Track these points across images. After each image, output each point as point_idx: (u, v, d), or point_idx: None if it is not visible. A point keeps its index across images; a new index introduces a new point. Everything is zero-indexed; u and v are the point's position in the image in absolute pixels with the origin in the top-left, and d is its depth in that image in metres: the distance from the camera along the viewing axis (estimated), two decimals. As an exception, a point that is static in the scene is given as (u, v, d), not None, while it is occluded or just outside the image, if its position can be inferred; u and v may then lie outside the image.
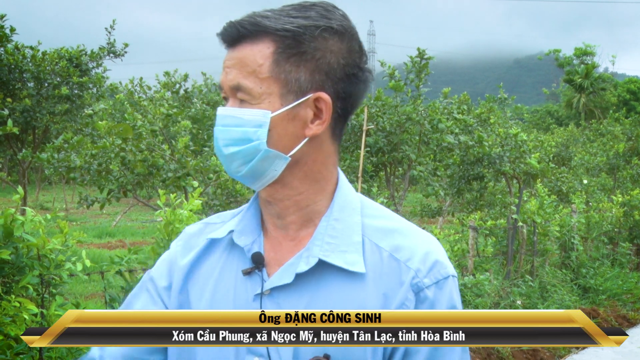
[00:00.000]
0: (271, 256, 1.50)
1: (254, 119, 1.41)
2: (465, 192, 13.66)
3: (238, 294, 1.47)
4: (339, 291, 1.42)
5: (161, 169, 7.87)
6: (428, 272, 1.43)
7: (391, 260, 1.44)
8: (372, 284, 1.42)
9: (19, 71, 11.99)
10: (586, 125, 31.76)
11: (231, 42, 1.44)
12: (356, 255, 1.44)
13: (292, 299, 1.42)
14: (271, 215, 1.52)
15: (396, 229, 1.50)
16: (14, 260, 3.81)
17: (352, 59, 1.46)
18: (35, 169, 24.38)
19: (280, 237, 1.51)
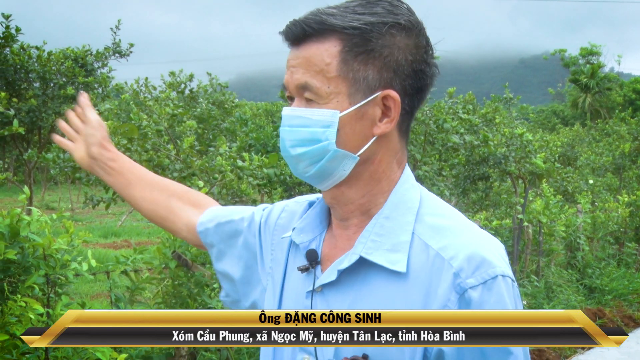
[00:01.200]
0: (327, 252, 1.52)
1: (322, 119, 1.40)
2: (470, 192, 13.64)
3: (299, 289, 1.52)
4: (381, 290, 1.40)
5: (166, 169, 7.88)
6: (474, 271, 1.35)
7: (437, 259, 1.38)
8: (414, 282, 1.38)
9: (24, 71, 12.02)
10: (592, 125, 31.67)
11: (296, 40, 1.42)
12: (400, 254, 1.40)
13: (338, 296, 1.43)
14: (335, 216, 1.54)
15: (449, 227, 1.44)
16: (20, 260, 3.82)
17: (420, 54, 1.45)
18: (41, 169, 24.44)
19: (339, 236, 1.52)
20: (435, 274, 1.37)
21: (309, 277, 1.49)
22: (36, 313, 3.65)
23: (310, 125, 1.40)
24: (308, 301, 1.46)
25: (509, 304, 1.35)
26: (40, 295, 4.00)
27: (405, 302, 1.37)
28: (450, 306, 1.34)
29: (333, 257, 1.49)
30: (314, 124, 1.40)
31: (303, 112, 1.41)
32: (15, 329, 3.59)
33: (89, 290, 10.05)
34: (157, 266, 4.89)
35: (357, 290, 1.42)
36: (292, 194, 10.75)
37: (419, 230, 1.43)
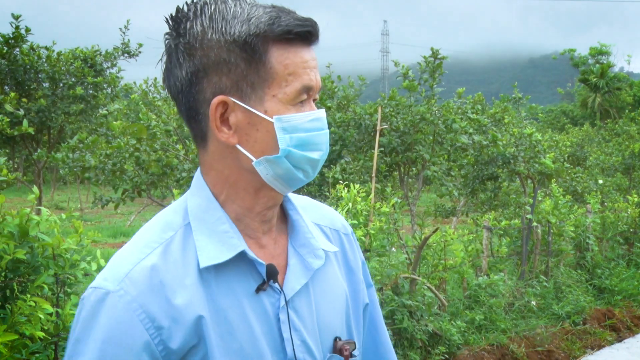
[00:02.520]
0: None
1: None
2: (479, 192, 13.62)
3: (258, 312, 1.37)
4: (325, 275, 1.51)
5: (175, 169, 7.90)
6: (349, 227, 1.68)
7: (333, 232, 1.61)
8: (334, 259, 1.57)
9: (34, 71, 12.07)
10: (601, 125, 31.61)
11: (309, 41, 1.38)
12: (323, 237, 1.55)
13: (303, 298, 1.44)
14: (263, 223, 1.45)
15: (311, 205, 1.64)
16: (29, 259, 3.83)
17: None
18: (50, 168, 24.52)
19: (267, 244, 1.46)
20: (339, 244, 1.61)
21: (267, 294, 1.39)
22: (45, 313, 3.65)
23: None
24: (284, 315, 1.38)
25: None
26: (50, 295, 4.01)
27: (338, 278, 1.55)
28: (361, 257, 1.67)
29: (277, 265, 1.42)
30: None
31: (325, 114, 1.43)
32: (24, 329, 3.60)
33: (98, 290, 10.07)
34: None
35: (312, 286, 1.48)
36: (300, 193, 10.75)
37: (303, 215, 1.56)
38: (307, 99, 1.37)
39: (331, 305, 1.49)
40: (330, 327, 1.47)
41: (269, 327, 1.38)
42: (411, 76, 11.09)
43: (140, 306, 1.28)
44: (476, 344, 7.16)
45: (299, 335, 1.40)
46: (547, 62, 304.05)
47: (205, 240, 1.38)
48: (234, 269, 1.38)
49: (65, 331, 3.90)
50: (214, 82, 1.35)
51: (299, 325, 1.40)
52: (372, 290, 1.69)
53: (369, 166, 10.51)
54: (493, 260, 9.08)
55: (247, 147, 1.37)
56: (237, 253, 1.37)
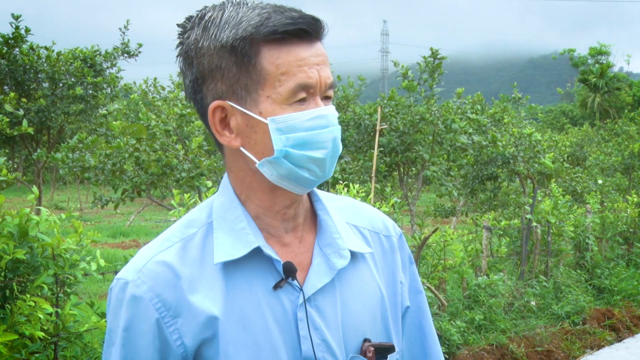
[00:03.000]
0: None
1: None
2: (479, 192, 13.63)
3: (274, 309, 1.39)
4: (357, 276, 1.50)
5: (175, 169, 7.89)
6: (394, 231, 1.65)
7: (372, 234, 1.59)
8: (370, 261, 1.55)
9: (34, 71, 12.07)
10: (601, 125, 31.59)
11: (313, 37, 1.38)
12: (356, 238, 1.53)
13: (327, 298, 1.44)
14: (285, 221, 1.47)
15: (351, 205, 1.63)
16: (28, 259, 3.83)
17: None
18: (50, 168, 24.52)
19: (290, 242, 1.48)
20: (378, 247, 1.58)
21: (285, 291, 1.40)
22: (45, 312, 3.65)
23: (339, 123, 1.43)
24: (302, 313, 1.39)
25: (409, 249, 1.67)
26: (49, 295, 4.01)
27: (373, 280, 1.53)
28: (405, 261, 1.64)
29: (299, 264, 1.44)
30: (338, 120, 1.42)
31: (335, 110, 1.42)
32: (24, 329, 3.60)
33: (97, 290, 10.07)
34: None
35: (339, 286, 1.47)
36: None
37: (340, 215, 1.57)
38: (310, 97, 1.37)
39: (361, 306, 1.47)
40: (358, 328, 1.46)
41: (287, 324, 1.39)
42: (411, 76, 11.09)
43: (156, 295, 1.36)
44: (476, 344, 7.17)
45: (319, 334, 1.40)
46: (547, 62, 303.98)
47: (224, 238, 1.42)
48: (252, 265, 1.41)
49: (64, 331, 3.90)
50: (212, 88, 1.39)
51: (319, 324, 1.41)
52: (421, 297, 1.68)
53: (368, 166, 10.51)
54: (492, 260, 9.08)
55: (249, 150, 1.39)
56: (253, 249, 1.40)
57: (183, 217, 1.51)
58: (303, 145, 1.36)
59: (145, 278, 1.38)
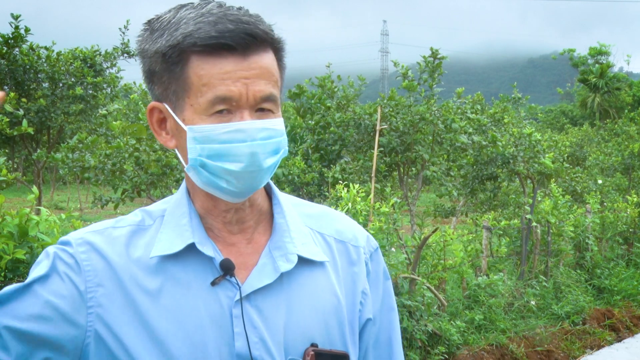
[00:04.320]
0: (234, 261, 1.45)
1: (282, 129, 1.42)
2: (478, 192, 13.62)
3: (209, 305, 1.40)
4: (310, 282, 1.49)
5: (175, 169, 7.89)
6: (367, 246, 1.61)
7: (337, 244, 1.57)
8: (331, 269, 1.53)
9: (33, 71, 12.07)
10: (601, 125, 31.58)
11: (244, 50, 1.35)
12: (313, 245, 1.52)
13: (270, 298, 1.44)
14: (228, 224, 1.48)
15: (324, 214, 1.62)
16: (28, 259, 3.83)
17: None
18: (49, 168, 24.51)
19: (236, 242, 1.49)
20: (342, 256, 1.56)
21: (223, 288, 1.42)
22: (45, 312, 3.65)
23: (276, 136, 1.40)
24: (237, 310, 1.40)
25: (385, 266, 1.66)
26: (49, 295, 4.01)
27: (333, 287, 1.51)
28: (378, 274, 1.62)
29: (244, 263, 1.46)
30: (279, 133, 1.40)
31: (271, 124, 1.39)
32: (24, 329, 3.60)
33: (97, 290, 10.08)
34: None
35: (287, 289, 1.46)
36: (300, 194, 10.75)
37: (305, 221, 1.57)
38: (235, 110, 1.36)
39: (311, 311, 1.46)
40: (305, 332, 1.45)
41: (222, 320, 1.40)
42: (410, 76, 11.09)
43: (88, 258, 1.41)
44: (476, 344, 7.17)
45: (256, 333, 1.40)
46: (547, 62, 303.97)
47: (167, 232, 1.45)
48: (192, 262, 1.43)
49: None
50: (153, 89, 1.44)
51: (258, 323, 1.41)
52: (393, 314, 1.65)
53: (368, 166, 10.51)
54: (492, 260, 9.09)
55: (181, 153, 1.44)
56: (187, 246, 1.42)
57: (146, 206, 1.57)
58: (218, 157, 1.37)
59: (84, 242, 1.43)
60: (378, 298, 1.60)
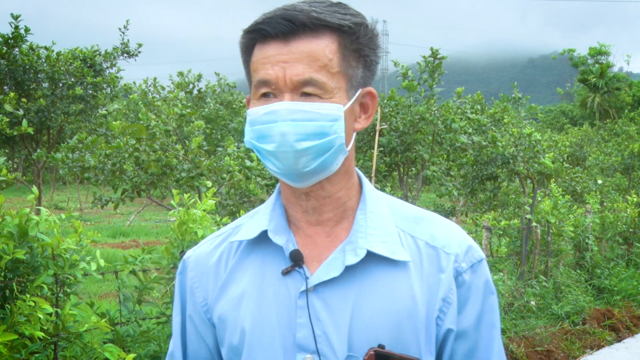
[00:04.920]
0: (307, 253, 1.50)
1: (330, 113, 1.40)
2: (478, 192, 13.62)
3: (279, 293, 1.47)
4: (386, 281, 1.46)
5: (175, 169, 7.89)
6: (464, 256, 1.51)
7: (428, 248, 1.51)
8: (414, 272, 1.48)
9: (33, 71, 12.07)
10: (601, 125, 31.59)
11: (285, 36, 1.39)
12: (396, 245, 1.48)
13: (338, 293, 1.44)
14: (306, 212, 1.52)
15: (423, 218, 1.56)
16: (28, 259, 3.83)
17: (379, 56, 1.52)
18: (49, 168, 24.51)
19: (315, 234, 1.52)
20: (431, 262, 1.49)
21: (293, 279, 1.47)
22: (45, 313, 3.65)
23: (318, 119, 1.39)
24: (302, 301, 1.44)
25: (491, 282, 1.55)
26: (49, 295, 4.01)
27: (411, 290, 1.46)
28: (453, 289, 1.48)
29: (318, 255, 1.49)
30: (322, 117, 1.40)
31: (309, 107, 1.39)
32: (24, 329, 3.60)
33: (97, 290, 10.08)
34: (165, 266, 4.90)
35: (359, 285, 1.45)
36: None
37: (398, 223, 1.53)
38: (277, 93, 1.41)
39: (381, 311, 1.44)
40: (372, 331, 1.43)
41: (288, 309, 1.46)
42: (410, 76, 11.07)
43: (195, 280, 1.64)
44: (475, 344, 7.16)
45: (319, 326, 1.42)
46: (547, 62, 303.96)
47: (253, 222, 1.58)
48: (269, 250, 1.52)
49: (64, 331, 3.90)
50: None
51: (322, 316, 1.43)
52: (492, 332, 1.54)
53: (368, 166, 10.50)
54: (492, 260, 9.08)
55: None
56: (262, 233, 1.52)
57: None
58: (259, 138, 1.43)
59: (190, 259, 1.67)
60: (474, 312, 1.52)
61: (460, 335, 1.50)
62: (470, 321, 1.51)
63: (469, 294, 1.51)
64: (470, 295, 1.51)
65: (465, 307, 1.50)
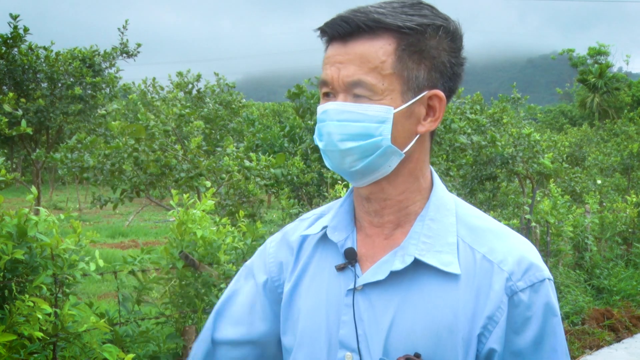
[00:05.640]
0: (364, 252, 1.51)
1: (377, 115, 1.40)
2: (478, 192, 13.62)
3: (331, 289, 1.51)
4: (431, 291, 1.43)
5: (174, 169, 7.88)
6: (523, 274, 1.43)
7: (484, 262, 1.45)
8: (464, 285, 1.43)
9: (32, 71, 12.05)
10: (600, 125, 31.61)
11: (343, 37, 1.42)
12: (451, 256, 1.45)
13: (384, 296, 1.44)
14: (368, 213, 1.53)
15: (490, 230, 1.51)
16: (27, 260, 3.82)
17: (459, 58, 1.50)
18: (48, 169, 24.51)
19: (374, 235, 1.52)
20: (484, 276, 1.44)
21: (346, 276, 1.50)
22: (44, 313, 3.65)
23: (363, 120, 1.40)
24: (349, 299, 1.47)
25: (554, 304, 1.45)
26: (48, 295, 4.01)
27: (454, 303, 1.42)
28: (502, 308, 1.41)
29: (372, 256, 1.50)
30: (368, 119, 1.40)
31: (355, 108, 1.41)
32: (23, 329, 3.60)
33: (96, 290, 10.08)
34: (164, 266, 4.90)
35: (405, 291, 1.44)
36: (299, 194, 10.74)
37: (461, 233, 1.49)
38: (335, 93, 1.44)
39: (424, 320, 1.42)
40: (410, 338, 1.41)
41: (337, 305, 1.49)
42: (410, 76, 11.08)
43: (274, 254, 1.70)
44: (475, 344, 7.16)
45: (360, 325, 1.44)
46: (546, 62, 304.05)
47: (323, 218, 1.62)
48: (329, 246, 1.57)
49: (63, 331, 3.90)
50: None
51: (364, 316, 1.44)
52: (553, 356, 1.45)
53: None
54: (492, 261, 9.07)
55: None
56: (323, 230, 1.57)
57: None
58: (318, 136, 1.47)
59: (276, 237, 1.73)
60: (532, 333, 1.43)
61: (516, 355, 1.43)
62: (528, 342, 1.43)
63: (527, 314, 1.43)
64: (529, 316, 1.43)
65: (523, 327, 1.43)
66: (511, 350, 1.43)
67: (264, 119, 28.38)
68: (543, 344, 1.44)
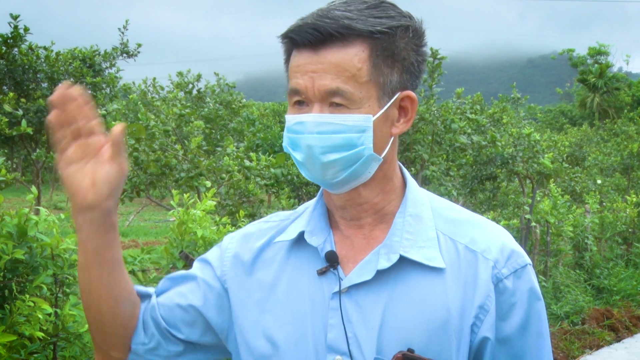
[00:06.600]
0: (344, 254, 1.49)
1: (357, 124, 1.38)
2: (478, 192, 13.63)
3: (313, 294, 1.47)
4: (418, 286, 1.44)
5: (174, 169, 7.89)
6: (506, 262, 1.46)
7: (467, 253, 1.46)
8: (451, 278, 1.44)
9: (32, 71, 12.04)
10: (600, 125, 31.62)
11: (313, 45, 1.37)
12: (433, 250, 1.45)
13: (371, 296, 1.44)
14: (344, 218, 1.52)
15: (467, 221, 1.52)
16: (27, 259, 3.82)
17: (424, 55, 1.48)
18: (49, 168, 24.47)
19: (353, 235, 1.51)
20: (469, 267, 1.45)
21: (328, 279, 1.47)
22: (44, 313, 3.65)
23: (344, 131, 1.38)
24: (334, 302, 1.44)
25: (536, 289, 1.48)
26: (49, 295, 4.01)
27: (444, 296, 1.43)
28: (491, 296, 1.43)
29: (353, 257, 1.49)
30: (349, 129, 1.38)
31: (334, 118, 1.38)
32: (23, 329, 3.60)
33: (96, 290, 10.06)
34: (164, 266, 4.90)
35: (391, 289, 1.43)
36: (300, 194, 10.75)
37: (439, 226, 1.50)
38: (308, 102, 1.41)
39: (414, 316, 1.42)
40: (402, 335, 1.41)
41: (321, 310, 1.46)
42: (410, 76, 11.07)
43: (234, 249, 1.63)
44: (475, 344, 7.16)
45: (350, 328, 1.42)
46: (546, 62, 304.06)
47: (295, 223, 1.58)
48: (306, 250, 1.52)
49: (64, 331, 3.90)
50: None
51: (353, 318, 1.43)
52: (539, 341, 1.49)
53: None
54: (492, 260, 9.07)
55: None
56: (300, 234, 1.53)
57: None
58: (292, 146, 1.44)
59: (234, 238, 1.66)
60: (518, 318, 1.46)
61: (504, 341, 1.45)
62: (515, 328, 1.46)
63: (512, 300, 1.45)
64: (514, 302, 1.45)
65: (509, 314, 1.45)
66: (498, 337, 1.45)
67: (264, 118, 28.39)
68: (529, 329, 1.47)
